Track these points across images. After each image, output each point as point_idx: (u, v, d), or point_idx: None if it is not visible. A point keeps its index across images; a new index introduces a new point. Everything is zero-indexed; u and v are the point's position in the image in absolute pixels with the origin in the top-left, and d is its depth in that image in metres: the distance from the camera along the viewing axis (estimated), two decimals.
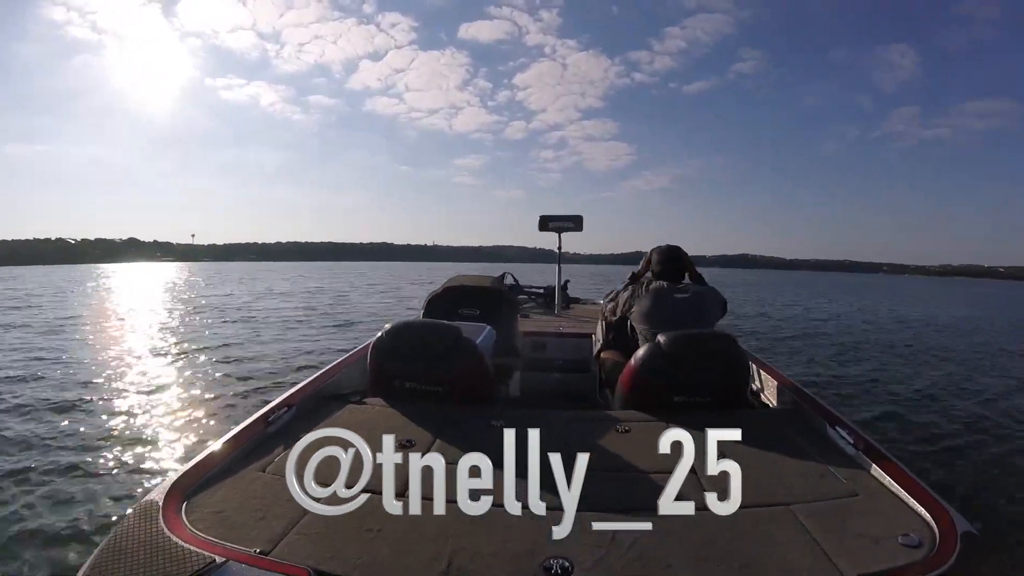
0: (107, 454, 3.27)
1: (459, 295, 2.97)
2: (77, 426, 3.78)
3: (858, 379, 6.07)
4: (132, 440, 3.52)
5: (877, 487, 1.26)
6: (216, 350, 6.82)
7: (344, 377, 2.13)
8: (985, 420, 4.53)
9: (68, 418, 3.94)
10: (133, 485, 2.88)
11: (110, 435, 3.61)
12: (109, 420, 3.92)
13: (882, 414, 4.61)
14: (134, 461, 3.20)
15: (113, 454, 3.28)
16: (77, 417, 3.97)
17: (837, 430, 1.55)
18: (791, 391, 1.98)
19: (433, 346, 1.85)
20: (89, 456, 3.24)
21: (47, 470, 3.02)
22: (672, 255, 2.29)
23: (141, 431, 3.71)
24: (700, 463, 1.38)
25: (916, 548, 0.99)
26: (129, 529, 1.04)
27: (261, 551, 0.98)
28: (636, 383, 1.82)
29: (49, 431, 3.67)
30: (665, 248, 2.32)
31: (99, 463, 3.14)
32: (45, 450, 3.32)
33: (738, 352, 1.84)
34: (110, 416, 4.01)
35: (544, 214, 4.72)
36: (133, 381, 5.15)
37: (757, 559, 0.98)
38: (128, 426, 3.80)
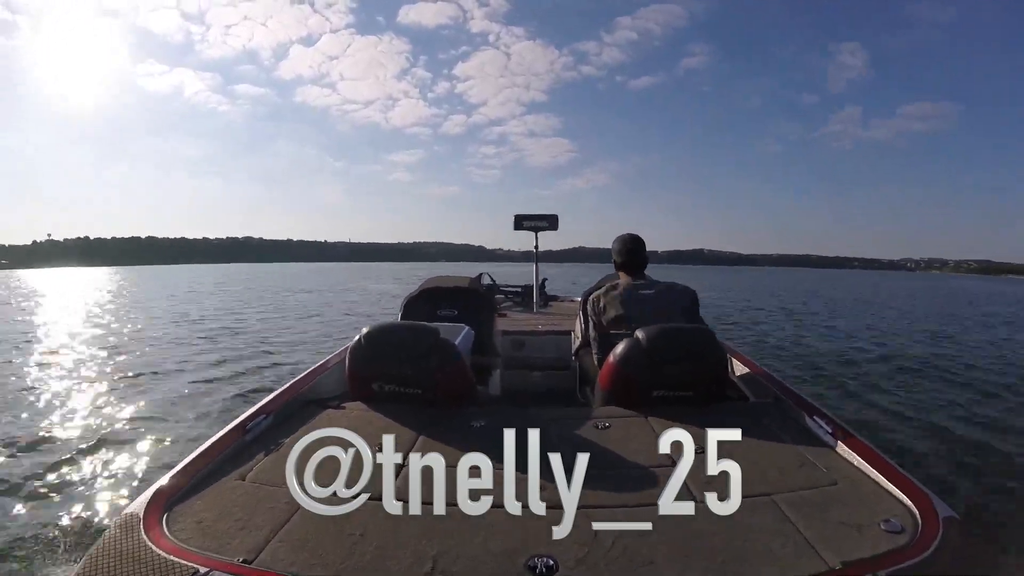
0: (85, 468, 3.18)
1: (436, 296, 2.96)
2: (52, 441, 3.66)
3: (835, 369, 6.22)
4: (110, 453, 3.43)
5: (857, 475, 1.27)
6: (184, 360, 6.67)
7: (322, 382, 2.10)
8: (962, 405, 4.68)
9: (40, 434, 3.81)
10: (113, 497, 2.81)
11: (87, 449, 3.50)
12: (85, 433, 3.81)
13: (860, 403, 4.73)
14: (113, 473, 3.12)
15: (91, 467, 3.19)
16: (51, 432, 3.85)
17: (816, 420, 1.57)
18: (770, 383, 2.00)
19: (411, 348, 1.83)
20: (67, 469, 3.14)
21: (24, 484, 2.93)
22: (631, 246, 2.25)
23: (119, 443, 3.61)
24: (680, 457, 1.39)
25: (898, 534, 1.01)
26: (111, 542, 1.03)
27: (244, 560, 0.97)
28: (615, 379, 1.82)
29: (21, 446, 3.54)
30: (627, 238, 2.28)
31: (77, 477, 3.06)
32: (21, 464, 3.21)
33: (716, 346, 1.86)
34: (86, 429, 3.90)
35: (519, 213, 4.74)
36: (104, 393, 5.02)
37: (740, 551, 0.98)
38: (106, 438, 3.69)
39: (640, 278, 2.23)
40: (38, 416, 4.25)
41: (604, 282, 2.81)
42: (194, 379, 5.53)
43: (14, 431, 3.84)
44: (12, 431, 3.84)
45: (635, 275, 2.24)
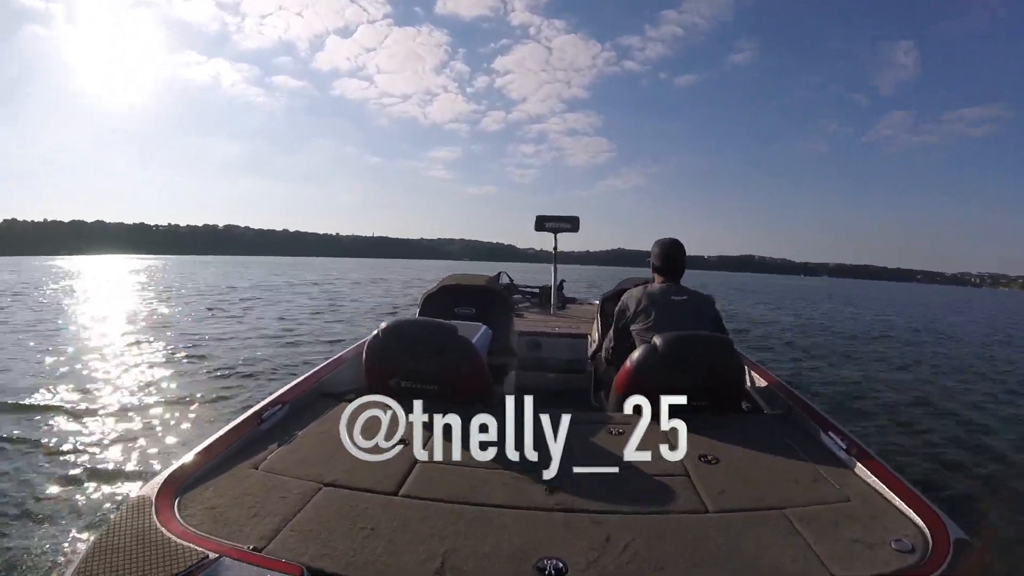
0: (99, 449, 3.25)
1: (455, 294, 2.97)
2: (69, 422, 3.74)
3: (850, 384, 6.11)
4: (124, 436, 3.49)
5: (870, 492, 1.26)
6: (206, 346, 6.79)
7: (338, 375, 2.13)
8: (978, 426, 4.57)
9: (58, 414, 3.90)
10: (126, 480, 2.86)
11: (102, 431, 3.58)
12: (100, 416, 3.89)
13: (874, 419, 4.64)
14: (126, 456, 3.18)
15: (105, 449, 3.25)
16: (68, 413, 3.93)
17: (830, 435, 1.56)
18: (785, 395, 1.99)
19: (429, 345, 1.85)
20: (81, 451, 3.21)
21: (39, 465, 2.99)
22: (670, 251, 2.24)
23: (134, 426, 3.68)
24: (694, 466, 1.39)
25: (909, 553, 1.00)
26: (122, 524, 1.04)
27: (254, 547, 0.98)
28: (631, 385, 1.82)
29: (39, 427, 3.64)
30: (667, 243, 2.27)
31: (91, 458, 3.12)
32: (37, 445, 3.29)
33: (733, 355, 1.85)
34: (101, 412, 3.98)
35: (540, 214, 4.74)
36: (124, 377, 5.11)
37: (750, 563, 0.98)
38: (121, 421, 3.77)
39: (675, 284, 2.23)
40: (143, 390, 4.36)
41: (625, 285, 2.80)
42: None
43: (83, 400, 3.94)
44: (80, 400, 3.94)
45: (671, 280, 2.23)
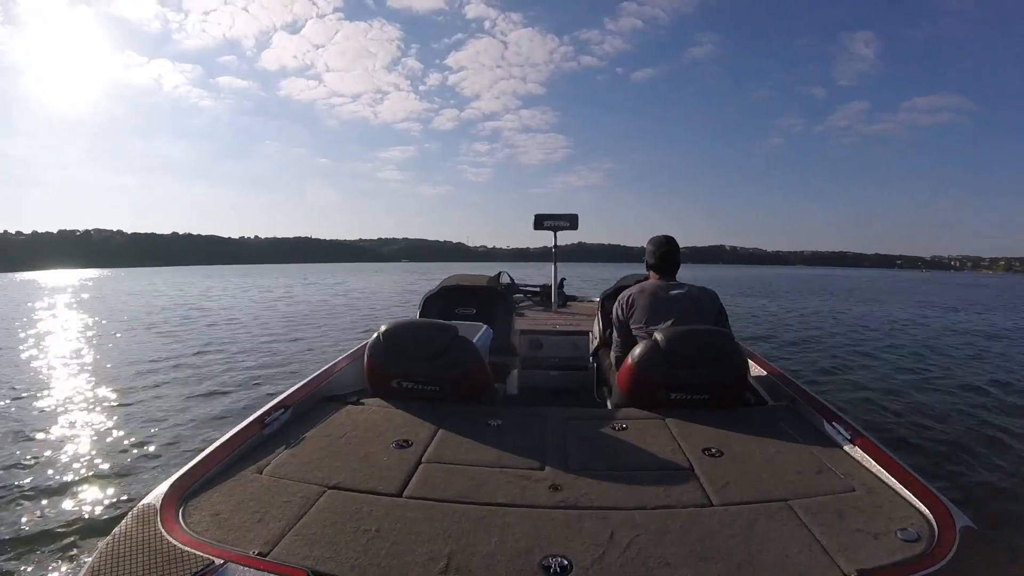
0: (102, 458, 3.25)
1: (455, 294, 2.98)
2: (73, 431, 3.76)
3: (854, 374, 6.10)
4: (128, 444, 3.51)
5: (874, 482, 1.26)
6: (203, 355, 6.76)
7: (340, 378, 2.12)
8: (981, 414, 4.56)
9: (63, 423, 3.92)
10: (130, 488, 2.87)
11: (105, 439, 3.60)
12: (104, 424, 3.91)
13: (878, 409, 4.64)
14: (130, 464, 3.18)
15: (108, 458, 3.26)
16: (73, 421, 3.95)
17: (834, 425, 1.56)
18: (787, 387, 1.98)
19: (430, 345, 1.85)
20: (86, 460, 3.22)
21: (45, 474, 3.00)
22: (665, 248, 2.26)
23: (136, 435, 3.69)
24: (697, 460, 1.39)
25: (915, 542, 1.00)
26: (127, 532, 1.04)
27: (259, 552, 0.98)
28: (633, 380, 1.82)
29: (45, 435, 3.65)
30: (661, 239, 2.29)
31: (95, 467, 3.13)
32: (43, 454, 3.30)
33: (734, 348, 1.84)
34: (105, 420, 4.00)
35: (539, 213, 4.77)
36: (125, 386, 5.13)
37: (755, 555, 0.98)
38: (123, 430, 3.78)
39: (671, 280, 2.24)
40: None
41: (625, 282, 2.81)
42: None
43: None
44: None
45: (666, 277, 2.25)
